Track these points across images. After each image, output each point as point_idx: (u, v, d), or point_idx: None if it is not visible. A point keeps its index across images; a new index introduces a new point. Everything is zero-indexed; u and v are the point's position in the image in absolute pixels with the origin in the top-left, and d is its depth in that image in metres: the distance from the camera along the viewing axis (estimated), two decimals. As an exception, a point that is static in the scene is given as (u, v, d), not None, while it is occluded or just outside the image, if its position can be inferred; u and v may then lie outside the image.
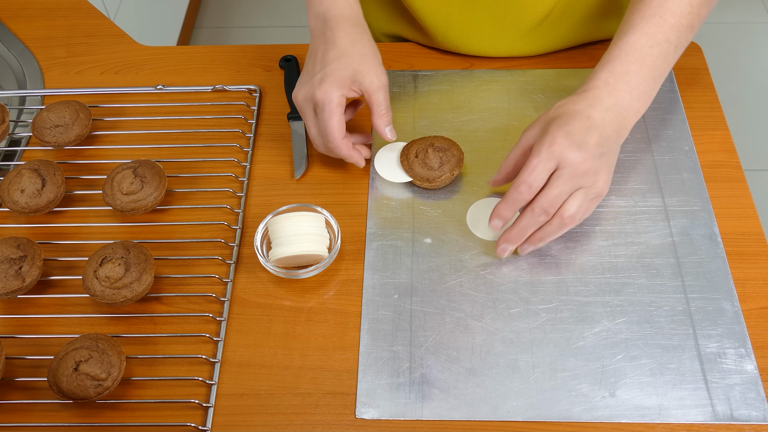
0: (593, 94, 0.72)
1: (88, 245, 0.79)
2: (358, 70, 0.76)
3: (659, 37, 0.73)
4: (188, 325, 0.73)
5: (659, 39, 0.73)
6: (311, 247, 0.73)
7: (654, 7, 0.74)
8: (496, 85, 0.91)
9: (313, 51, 0.80)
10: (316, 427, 0.67)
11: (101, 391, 0.66)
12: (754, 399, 0.66)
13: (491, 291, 0.74)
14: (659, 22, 0.74)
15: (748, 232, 0.77)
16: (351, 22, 0.79)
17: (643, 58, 0.73)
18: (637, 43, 0.73)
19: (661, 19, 0.74)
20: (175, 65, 0.97)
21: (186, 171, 0.85)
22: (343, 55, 0.77)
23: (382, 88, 0.77)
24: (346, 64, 0.76)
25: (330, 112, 0.76)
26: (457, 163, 0.80)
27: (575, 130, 0.69)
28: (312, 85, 0.77)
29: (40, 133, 0.85)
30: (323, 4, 0.80)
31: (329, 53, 0.77)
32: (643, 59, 0.73)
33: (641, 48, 0.73)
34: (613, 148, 0.72)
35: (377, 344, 0.71)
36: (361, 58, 0.77)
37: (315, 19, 0.81)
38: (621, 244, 0.76)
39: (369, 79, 0.76)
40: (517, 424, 0.66)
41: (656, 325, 0.71)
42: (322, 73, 0.76)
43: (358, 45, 0.78)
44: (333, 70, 0.76)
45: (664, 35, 0.74)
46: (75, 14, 1.04)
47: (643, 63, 0.73)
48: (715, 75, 0.94)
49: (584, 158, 0.69)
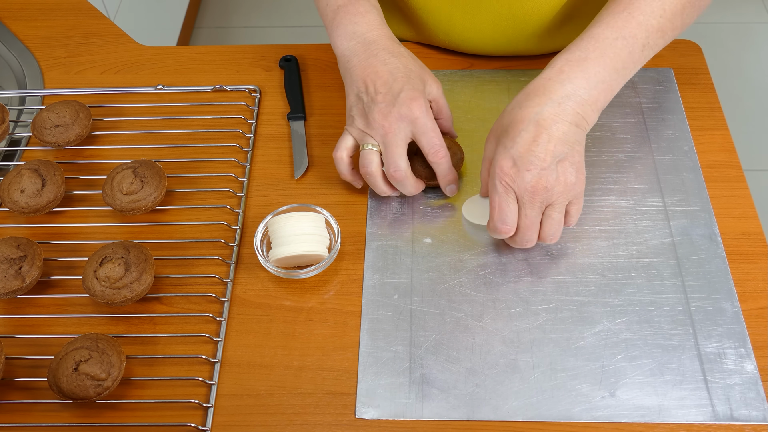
0: (543, 88, 0.70)
1: (88, 245, 0.79)
2: (426, 81, 0.78)
3: (625, 31, 0.72)
4: (188, 325, 0.73)
5: (624, 33, 0.72)
6: (311, 247, 0.73)
7: (624, 4, 0.73)
8: (496, 85, 0.91)
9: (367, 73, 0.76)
10: (316, 427, 0.67)
11: (101, 391, 0.66)
12: (754, 399, 0.66)
13: (491, 291, 0.74)
14: (627, 17, 0.72)
15: (748, 232, 0.77)
16: (396, 43, 0.79)
17: (604, 48, 0.71)
18: (600, 35, 0.72)
19: (630, 15, 0.72)
20: (175, 65, 0.97)
21: (186, 171, 0.85)
22: (411, 72, 0.76)
23: (442, 91, 0.80)
24: (419, 80, 0.76)
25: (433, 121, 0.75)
26: (458, 162, 0.80)
27: (519, 151, 0.68)
28: (401, 106, 0.74)
29: (40, 133, 0.85)
30: (359, 25, 0.78)
31: (397, 73, 0.75)
32: (604, 49, 0.71)
33: (604, 39, 0.72)
34: (574, 143, 0.69)
35: (377, 344, 0.71)
36: (422, 70, 0.78)
37: (350, 40, 0.78)
38: (621, 244, 0.76)
39: (435, 86, 0.79)
40: (517, 424, 0.66)
41: (656, 325, 0.71)
42: (407, 92, 0.74)
43: (413, 61, 0.79)
44: (414, 89, 0.75)
45: (630, 31, 0.72)
46: (75, 14, 1.04)
47: (603, 53, 0.71)
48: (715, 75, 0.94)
49: (537, 177, 0.68)
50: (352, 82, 0.77)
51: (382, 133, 0.74)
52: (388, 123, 0.74)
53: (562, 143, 0.69)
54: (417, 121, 0.74)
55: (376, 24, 0.79)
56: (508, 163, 0.68)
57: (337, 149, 0.78)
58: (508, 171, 0.68)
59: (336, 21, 0.80)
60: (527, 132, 0.68)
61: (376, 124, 0.74)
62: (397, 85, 0.75)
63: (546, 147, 0.68)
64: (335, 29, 0.79)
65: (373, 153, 0.76)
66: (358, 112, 0.77)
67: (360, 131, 0.77)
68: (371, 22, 0.79)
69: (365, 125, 0.76)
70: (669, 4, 0.73)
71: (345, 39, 0.79)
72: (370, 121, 0.75)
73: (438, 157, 0.76)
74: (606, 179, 0.81)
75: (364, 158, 0.76)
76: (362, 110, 0.76)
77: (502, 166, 0.69)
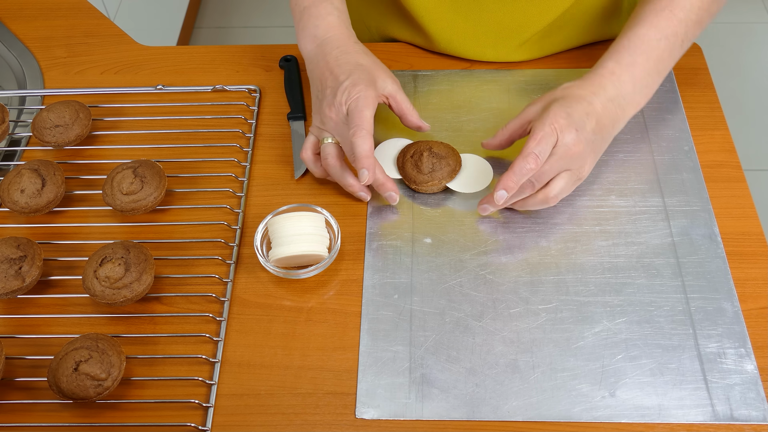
0: (599, 81, 0.75)
1: (88, 245, 0.79)
2: (378, 76, 0.78)
3: (668, 31, 0.75)
4: (188, 325, 0.73)
5: (667, 33, 0.75)
6: (311, 247, 0.73)
7: (665, 1, 0.76)
8: (496, 85, 0.91)
9: (321, 71, 0.79)
10: (316, 427, 0.67)
11: (101, 391, 0.66)
12: (754, 399, 0.66)
13: (491, 291, 0.74)
14: (669, 15, 0.76)
15: (748, 232, 0.77)
16: (352, 40, 0.81)
17: (650, 50, 0.75)
18: (645, 35, 0.75)
19: (671, 12, 0.76)
20: (175, 65, 0.97)
21: (186, 171, 0.85)
22: (359, 64, 0.78)
23: (400, 88, 0.80)
24: (367, 72, 0.77)
25: (365, 104, 0.74)
26: (449, 173, 0.80)
27: (575, 112, 0.72)
28: (343, 94, 0.75)
29: (40, 133, 0.85)
30: (319, 28, 0.81)
31: (344, 66, 0.77)
32: (650, 52, 0.75)
33: (649, 41, 0.75)
34: (606, 137, 0.75)
35: (377, 344, 0.71)
36: (374, 65, 0.80)
37: (311, 42, 0.81)
38: (621, 244, 0.76)
39: (390, 82, 0.79)
40: (517, 424, 0.66)
41: (656, 325, 0.71)
42: (350, 80, 0.75)
43: (366, 57, 0.80)
44: (359, 78, 0.76)
45: (673, 29, 0.76)
46: (75, 14, 1.04)
47: (649, 56, 0.75)
48: (715, 75, 0.94)
49: (578, 140, 0.71)
50: (312, 83, 0.81)
51: (332, 125, 0.77)
52: (334, 113, 0.76)
53: (601, 133, 0.74)
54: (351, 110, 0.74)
55: (333, 25, 0.81)
56: (563, 114, 0.71)
57: (303, 150, 0.81)
58: (562, 121, 0.71)
59: (301, 23, 0.82)
60: (582, 106, 0.72)
61: (326, 117, 0.77)
62: (342, 77, 0.76)
63: (594, 126, 0.73)
64: (300, 31, 0.83)
65: (330, 146, 0.78)
66: (315, 110, 0.80)
67: (318, 128, 0.80)
68: (329, 24, 0.81)
69: (320, 121, 0.79)
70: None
71: (307, 42, 0.82)
72: (322, 116, 0.78)
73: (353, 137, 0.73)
74: (606, 179, 0.81)
75: (322, 152, 0.78)
76: (318, 107, 0.79)
77: (557, 114, 0.71)
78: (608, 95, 0.74)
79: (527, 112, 0.76)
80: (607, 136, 0.75)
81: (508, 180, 0.71)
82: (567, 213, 0.79)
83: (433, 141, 0.82)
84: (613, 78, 0.75)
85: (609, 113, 0.74)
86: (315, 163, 0.81)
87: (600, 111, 0.73)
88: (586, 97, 0.73)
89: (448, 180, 0.80)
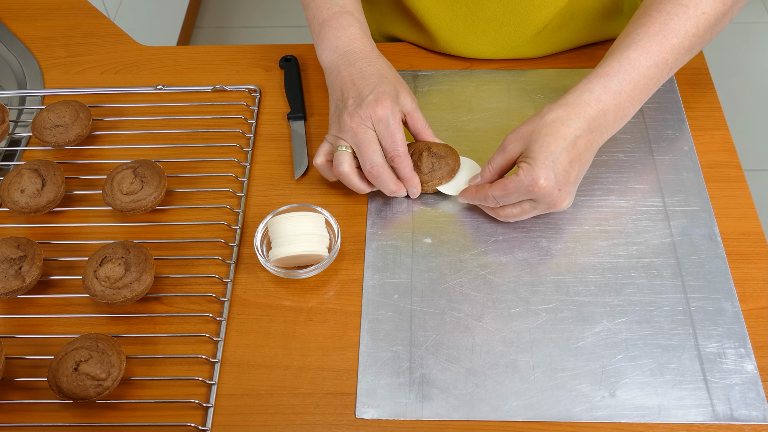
0: (584, 112, 0.72)
1: (88, 245, 0.79)
2: (399, 92, 0.79)
3: (658, 58, 0.73)
4: (188, 325, 0.73)
5: (658, 60, 0.73)
6: (311, 247, 0.73)
7: (659, 24, 0.73)
8: (496, 85, 0.91)
9: (343, 82, 0.79)
10: (316, 427, 0.67)
11: (101, 391, 0.66)
12: (754, 399, 0.66)
13: (491, 291, 0.74)
14: (662, 41, 0.73)
15: (748, 232, 0.77)
16: (375, 53, 0.81)
17: (638, 78, 0.73)
18: (636, 60, 0.73)
19: (664, 38, 0.73)
20: (175, 65, 0.97)
21: (186, 171, 0.85)
22: (384, 78, 0.78)
23: (418, 106, 0.81)
24: (391, 86, 0.78)
25: (398, 124, 0.76)
26: (449, 173, 0.80)
27: (560, 166, 0.71)
28: (367, 107, 0.76)
29: (40, 133, 0.85)
30: (341, 39, 0.81)
31: (369, 78, 0.78)
32: (638, 80, 0.73)
33: (639, 67, 0.73)
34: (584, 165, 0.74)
35: (377, 344, 0.71)
36: (398, 81, 0.80)
37: (333, 54, 0.81)
38: (621, 244, 0.76)
39: (410, 100, 0.80)
40: (517, 424, 0.66)
41: (656, 325, 0.71)
42: (374, 95, 0.76)
43: (390, 70, 0.81)
44: (383, 92, 0.76)
45: (663, 57, 0.73)
46: (75, 14, 1.04)
47: (636, 84, 0.73)
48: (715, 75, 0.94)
49: (560, 197, 0.72)
50: (332, 92, 0.81)
51: (352, 135, 0.77)
52: (355, 124, 0.76)
53: (584, 168, 0.74)
54: (379, 123, 0.76)
55: (356, 37, 0.81)
56: (550, 175, 0.70)
57: (316, 157, 0.80)
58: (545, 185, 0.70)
59: (321, 35, 0.82)
60: (567, 152, 0.71)
61: (345, 126, 0.77)
62: (366, 90, 0.77)
63: (578, 173, 0.73)
64: (320, 43, 0.82)
65: (344, 154, 0.77)
66: (334, 119, 0.80)
67: (334, 136, 0.79)
68: (352, 36, 0.81)
69: (338, 130, 0.79)
70: (703, 20, 0.73)
71: (328, 53, 0.81)
72: (341, 125, 0.78)
73: (395, 162, 0.77)
74: (606, 179, 0.81)
75: (336, 159, 0.78)
76: (337, 116, 0.79)
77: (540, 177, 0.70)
78: (591, 126, 0.72)
79: (510, 149, 0.74)
80: (585, 163, 0.73)
81: (468, 194, 0.77)
82: (567, 213, 0.79)
83: (432, 141, 0.82)
84: (599, 106, 0.72)
85: (589, 145, 0.72)
86: (330, 170, 0.80)
87: (580, 147, 0.71)
88: (570, 134, 0.71)
89: (447, 179, 0.80)
